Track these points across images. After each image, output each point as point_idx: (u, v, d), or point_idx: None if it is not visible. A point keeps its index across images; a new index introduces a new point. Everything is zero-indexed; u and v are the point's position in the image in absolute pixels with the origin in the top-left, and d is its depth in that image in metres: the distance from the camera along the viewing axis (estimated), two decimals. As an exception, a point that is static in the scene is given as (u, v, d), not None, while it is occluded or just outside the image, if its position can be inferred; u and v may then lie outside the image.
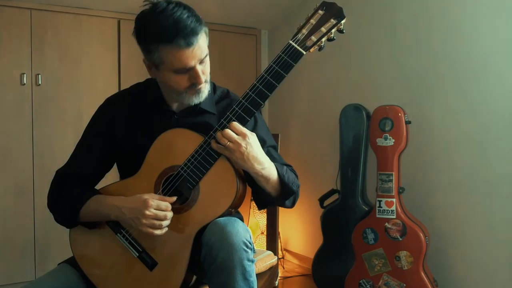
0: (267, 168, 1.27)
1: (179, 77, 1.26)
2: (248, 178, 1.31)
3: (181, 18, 1.20)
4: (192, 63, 1.23)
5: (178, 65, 1.23)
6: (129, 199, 1.25)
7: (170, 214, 1.23)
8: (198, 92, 1.30)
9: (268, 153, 1.37)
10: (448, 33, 2.30)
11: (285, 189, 1.33)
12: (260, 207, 1.43)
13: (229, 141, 1.21)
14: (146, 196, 1.23)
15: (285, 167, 1.36)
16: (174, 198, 1.25)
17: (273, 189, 1.32)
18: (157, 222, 1.21)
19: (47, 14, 2.77)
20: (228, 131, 1.21)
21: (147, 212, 1.20)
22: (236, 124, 1.22)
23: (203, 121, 1.39)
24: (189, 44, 1.20)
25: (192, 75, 1.26)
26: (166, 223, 1.22)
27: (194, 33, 1.20)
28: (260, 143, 1.28)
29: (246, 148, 1.21)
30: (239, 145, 1.21)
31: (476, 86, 2.18)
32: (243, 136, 1.22)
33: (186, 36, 1.19)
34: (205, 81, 1.30)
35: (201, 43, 1.24)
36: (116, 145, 1.40)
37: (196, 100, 1.32)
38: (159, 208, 1.22)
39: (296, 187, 1.37)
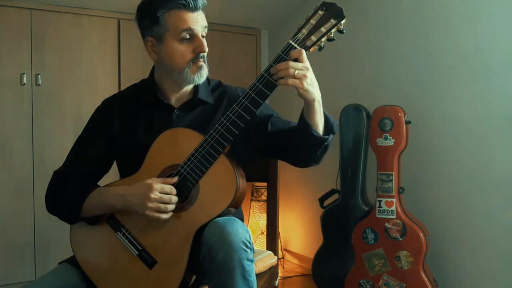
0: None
1: (184, 47, 1.31)
2: (284, 139, 1.34)
3: None
4: (197, 27, 1.30)
5: (184, 26, 1.28)
6: (132, 187, 1.27)
7: (175, 198, 1.24)
8: (199, 69, 1.34)
9: (278, 120, 1.42)
10: (448, 33, 2.30)
11: (329, 121, 1.34)
12: (308, 155, 1.36)
13: (296, 69, 1.20)
14: (149, 180, 1.24)
15: None
16: (176, 179, 1.26)
17: (322, 125, 1.31)
18: (162, 206, 1.22)
19: (47, 14, 2.77)
20: (290, 62, 1.20)
21: (153, 195, 1.21)
22: (295, 53, 1.20)
23: (203, 114, 1.40)
24: (195, 5, 1.29)
25: (196, 44, 1.31)
26: (171, 206, 1.24)
27: None
28: (267, 117, 1.37)
29: (310, 72, 1.23)
30: (306, 69, 1.21)
31: (476, 86, 2.18)
32: (306, 62, 1.22)
33: None
34: (205, 61, 1.35)
35: (203, 15, 1.33)
36: (115, 145, 1.41)
37: (197, 79, 1.35)
38: (164, 191, 1.23)
39: (336, 123, 1.37)
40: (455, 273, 2.28)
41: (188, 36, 1.30)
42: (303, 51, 1.21)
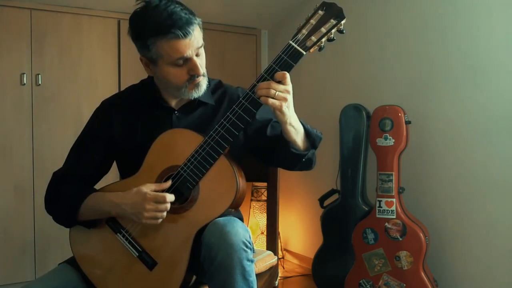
0: (296, 117, 1.30)
1: (178, 70, 1.28)
2: (271, 143, 1.35)
3: (175, 11, 1.23)
4: (189, 52, 1.25)
5: (176, 55, 1.25)
6: (127, 195, 1.26)
7: (169, 205, 1.24)
8: (197, 85, 1.32)
9: (278, 124, 1.40)
10: (447, 33, 2.30)
11: (311, 137, 1.35)
12: (291, 166, 1.40)
13: (277, 90, 1.21)
14: (144, 188, 1.23)
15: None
16: (169, 183, 1.26)
17: (301, 141, 1.33)
18: (159, 214, 1.23)
19: (47, 14, 2.77)
20: (273, 83, 1.21)
21: (148, 206, 1.21)
22: (279, 75, 1.22)
23: (203, 115, 1.40)
24: (185, 34, 1.23)
25: (190, 67, 1.28)
26: (165, 213, 1.24)
27: (189, 23, 1.23)
28: (266, 121, 1.36)
29: (291, 96, 1.23)
30: (287, 92, 1.22)
31: (476, 86, 2.18)
32: (288, 85, 1.23)
33: (182, 26, 1.22)
34: (203, 74, 1.32)
35: (196, 34, 1.26)
36: (115, 146, 1.40)
37: (195, 94, 1.34)
38: (158, 200, 1.22)
39: (319, 138, 1.38)
40: (455, 273, 2.28)
41: (181, 62, 1.27)
42: (287, 74, 1.21)
